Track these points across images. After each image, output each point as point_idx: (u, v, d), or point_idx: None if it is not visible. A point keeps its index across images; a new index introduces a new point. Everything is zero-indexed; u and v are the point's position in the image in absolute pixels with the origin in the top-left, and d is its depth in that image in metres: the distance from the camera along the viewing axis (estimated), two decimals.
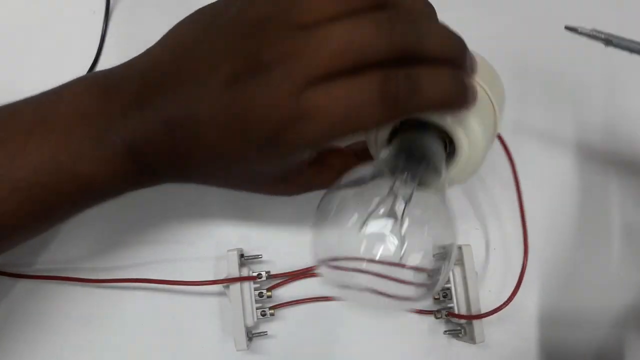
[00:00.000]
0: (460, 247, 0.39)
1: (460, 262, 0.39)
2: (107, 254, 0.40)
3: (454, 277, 0.39)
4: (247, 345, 0.37)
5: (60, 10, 0.43)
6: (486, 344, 0.40)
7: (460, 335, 0.40)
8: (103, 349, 0.39)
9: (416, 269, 0.40)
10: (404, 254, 0.23)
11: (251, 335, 0.38)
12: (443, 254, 0.39)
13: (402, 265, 0.24)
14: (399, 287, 0.25)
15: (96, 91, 0.27)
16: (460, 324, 0.40)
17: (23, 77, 0.42)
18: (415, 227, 0.24)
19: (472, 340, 0.39)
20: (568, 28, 0.28)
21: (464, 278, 0.39)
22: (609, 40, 0.27)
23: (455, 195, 0.43)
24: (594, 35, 0.28)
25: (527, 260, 0.33)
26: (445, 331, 0.40)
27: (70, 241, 0.39)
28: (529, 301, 0.42)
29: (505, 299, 0.38)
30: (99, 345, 0.39)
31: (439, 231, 0.25)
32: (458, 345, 0.41)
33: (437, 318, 0.40)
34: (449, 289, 0.39)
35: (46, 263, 0.39)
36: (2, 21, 0.43)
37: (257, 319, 0.37)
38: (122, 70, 0.28)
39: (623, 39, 0.28)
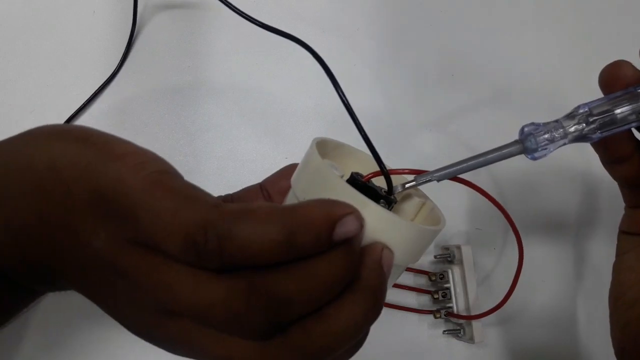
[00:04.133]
0: (459, 247, 0.39)
1: (460, 262, 0.39)
2: None
3: (453, 277, 0.40)
4: None
5: (61, 11, 0.43)
6: (485, 343, 0.41)
7: (459, 335, 0.40)
8: (103, 347, 0.39)
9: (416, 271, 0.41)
10: None
11: None
12: (447, 256, 0.40)
13: None
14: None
15: None
16: (460, 323, 0.40)
17: (23, 77, 0.42)
18: None
19: (471, 340, 0.39)
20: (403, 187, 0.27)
21: (463, 278, 0.39)
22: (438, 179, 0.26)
23: (456, 195, 0.43)
24: (423, 181, 0.26)
25: (522, 261, 0.33)
26: (445, 331, 0.40)
27: None
28: (529, 301, 0.42)
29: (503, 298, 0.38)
30: (99, 343, 0.39)
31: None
32: (457, 345, 0.41)
33: (436, 318, 0.40)
34: (448, 289, 0.40)
35: None
36: (1, 21, 0.43)
37: None
38: None
39: (445, 169, 0.26)
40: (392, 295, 0.41)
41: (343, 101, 0.25)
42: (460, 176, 0.27)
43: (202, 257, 0.19)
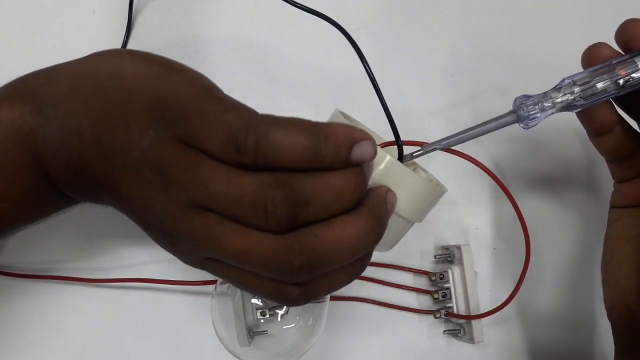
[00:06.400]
0: (459, 247, 0.39)
1: (460, 262, 0.39)
2: (106, 254, 0.40)
3: (453, 277, 0.40)
4: (249, 342, 0.37)
5: (60, 11, 0.43)
6: (485, 343, 0.41)
7: (459, 335, 0.40)
8: (102, 348, 0.39)
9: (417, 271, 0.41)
10: None
11: (252, 333, 0.38)
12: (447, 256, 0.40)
13: None
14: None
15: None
16: (460, 323, 0.40)
17: None
18: None
19: (471, 340, 0.39)
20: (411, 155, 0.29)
21: (463, 278, 0.39)
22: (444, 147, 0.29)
23: (456, 194, 0.43)
24: (429, 149, 0.29)
25: (528, 263, 0.34)
26: (445, 331, 0.40)
27: (70, 241, 0.39)
28: (529, 301, 0.42)
29: (505, 299, 0.38)
30: (98, 344, 0.39)
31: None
32: (457, 345, 0.41)
33: (436, 318, 0.40)
34: (448, 288, 0.40)
35: (45, 263, 0.39)
36: (1, 21, 0.43)
37: (257, 318, 0.38)
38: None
39: (452, 137, 0.29)
40: (392, 295, 0.41)
41: (369, 74, 0.28)
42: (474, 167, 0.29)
43: (239, 153, 0.22)
